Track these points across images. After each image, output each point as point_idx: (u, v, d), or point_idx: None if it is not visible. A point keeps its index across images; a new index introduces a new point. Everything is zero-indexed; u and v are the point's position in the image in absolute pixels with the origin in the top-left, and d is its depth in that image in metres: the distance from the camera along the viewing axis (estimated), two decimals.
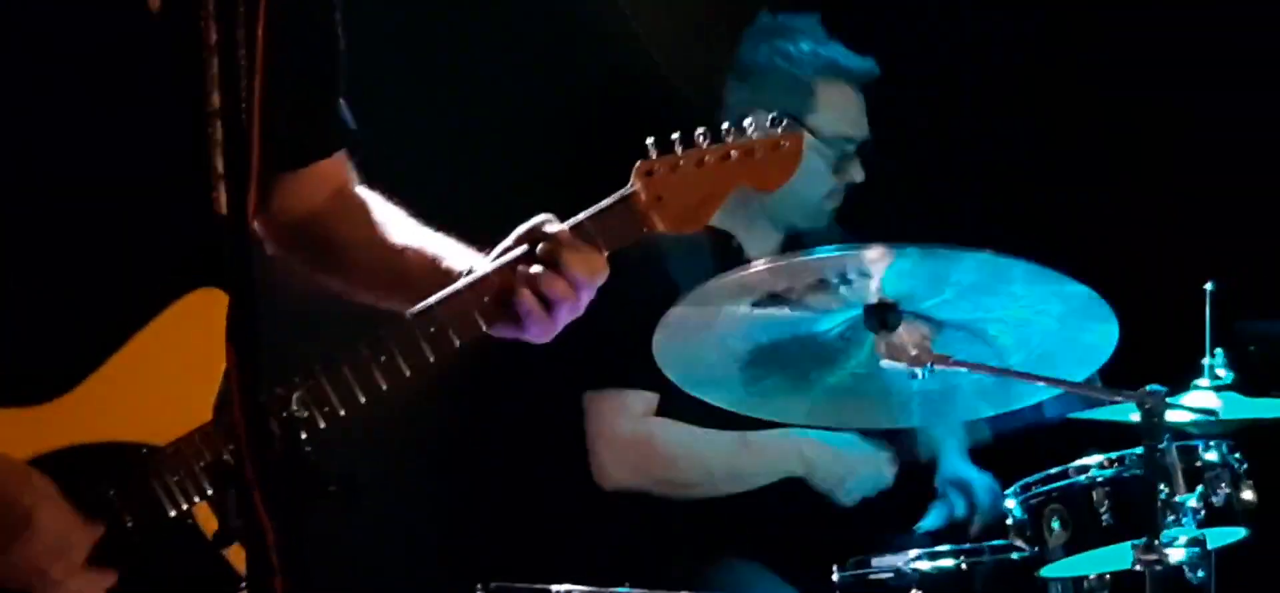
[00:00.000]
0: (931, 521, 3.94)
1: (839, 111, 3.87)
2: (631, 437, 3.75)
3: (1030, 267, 2.82)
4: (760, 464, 3.74)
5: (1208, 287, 3.59)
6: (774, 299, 2.87)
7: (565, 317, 2.38)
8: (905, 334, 2.88)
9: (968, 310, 2.93)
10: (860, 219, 3.95)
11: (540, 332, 2.38)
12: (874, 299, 2.87)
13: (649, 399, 3.74)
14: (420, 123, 3.99)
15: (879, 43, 4.00)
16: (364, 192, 2.56)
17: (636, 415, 3.75)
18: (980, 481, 3.92)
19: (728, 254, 3.80)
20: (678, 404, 3.67)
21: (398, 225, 2.52)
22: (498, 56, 4.23)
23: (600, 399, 3.78)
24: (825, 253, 2.90)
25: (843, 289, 2.87)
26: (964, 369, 2.89)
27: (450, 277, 2.39)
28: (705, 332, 2.95)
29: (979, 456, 4.07)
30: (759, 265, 2.87)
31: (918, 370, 2.87)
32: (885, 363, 2.89)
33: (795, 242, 3.89)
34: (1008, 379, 3.01)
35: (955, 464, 3.98)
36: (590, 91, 4.31)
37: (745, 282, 2.85)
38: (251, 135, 1.79)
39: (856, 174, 3.88)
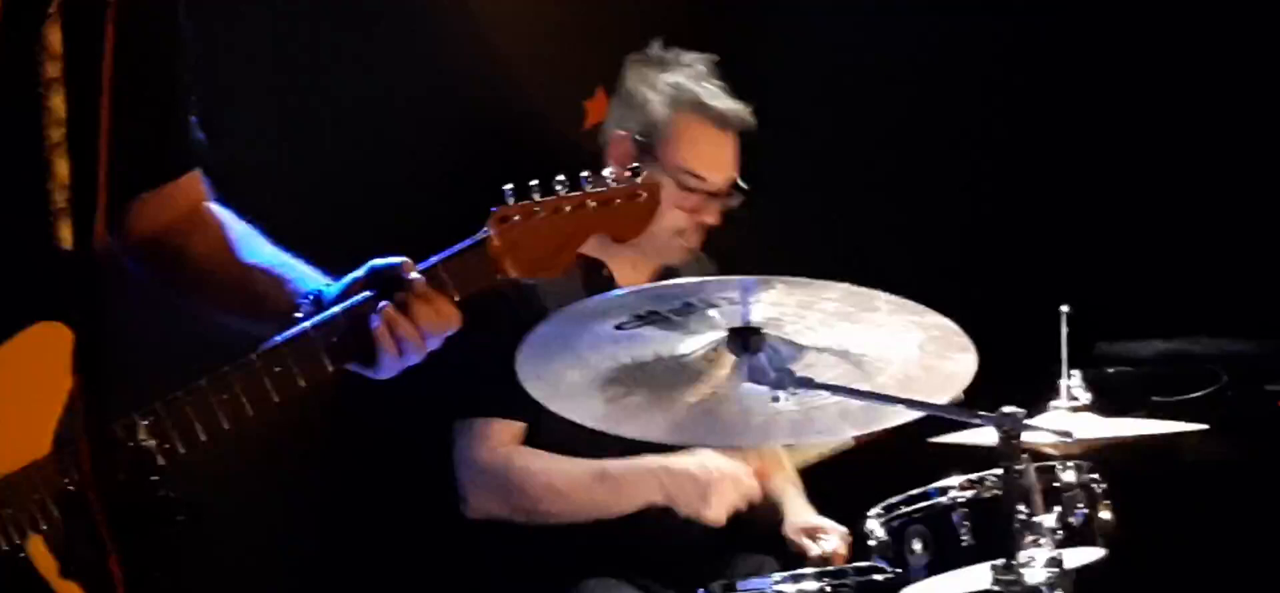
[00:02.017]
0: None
1: (692, 149, 3.82)
2: (491, 465, 3.72)
3: (889, 297, 2.85)
4: (619, 496, 3.72)
5: (1063, 309, 3.65)
6: (639, 320, 2.87)
7: (412, 361, 2.36)
8: (767, 357, 2.90)
9: (831, 337, 2.95)
10: (734, 252, 3.95)
11: (386, 372, 2.36)
12: (738, 324, 2.89)
13: (515, 428, 3.72)
14: (281, 142, 3.95)
15: (761, 84, 4.00)
16: (217, 210, 2.52)
17: (500, 444, 3.72)
18: (828, 525, 3.93)
19: (599, 283, 3.79)
20: (547, 433, 3.67)
21: (249, 245, 2.48)
22: (366, 75, 4.21)
23: (466, 427, 3.75)
24: (691, 283, 2.91)
25: (710, 313, 2.88)
26: (825, 392, 2.93)
27: (298, 296, 2.36)
28: (568, 350, 2.94)
29: (843, 467, 4.08)
30: (626, 293, 2.87)
31: (779, 393, 2.90)
32: (747, 385, 2.91)
33: (666, 274, 3.88)
34: (871, 401, 3.04)
35: (799, 512, 3.99)
36: (457, 117, 4.30)
37: (610, 308, 2.85)
38: (100, 167, 1.76)
39: (710, 217, 3.85)
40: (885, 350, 2.99)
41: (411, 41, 4.22)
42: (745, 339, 2.89)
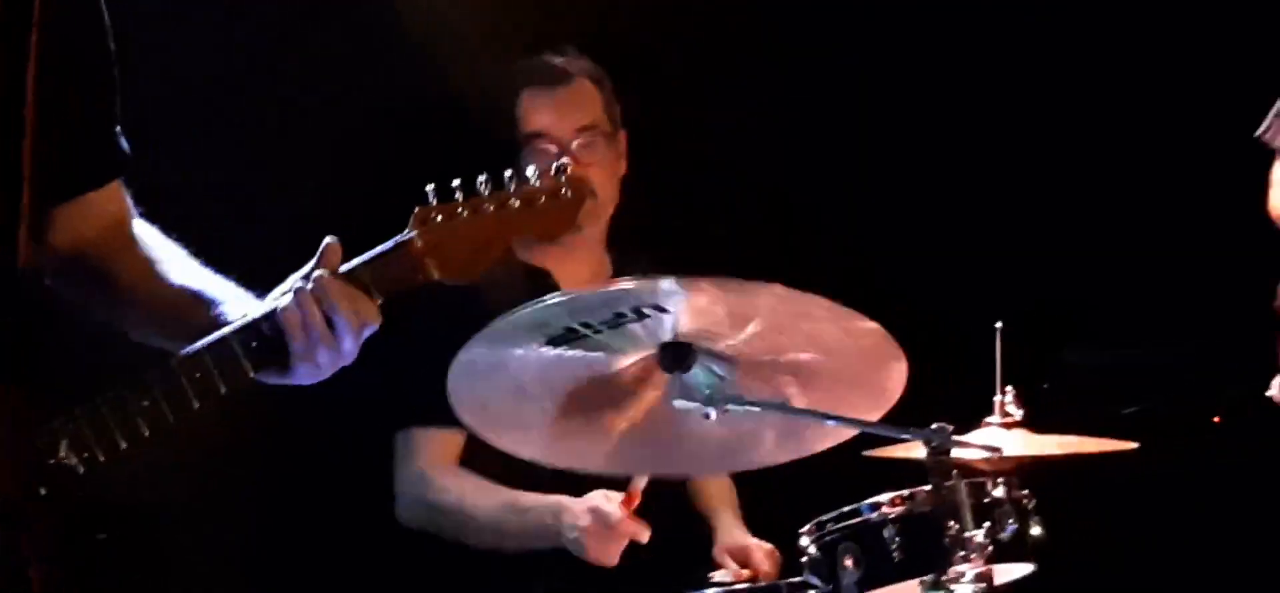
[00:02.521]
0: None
1: (532, 113, 3.89)
2: (417, 478, 3.72)
3: (824, 302, 2.84)
4: (524, 531, 3.70)
5: (997, 325, 3.68)
6: (570, 335, 2.86)
7: (329, 363, 2.36)
8: (699, 374, 2.91)
9: (764, 351, 2.95)
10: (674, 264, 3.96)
11: (307, 377, 2.36)
12: (669, 338, 2.89)
13: (455, 439, 3.71)
14: (208, 153, 3.94)
15: (700, 87, 4.02)
16: (141, 226, 2.51)
17: (434, 457, 3.71)
18: (759, 546, 3.94)
19: (546, 291, 3.78)
20: (480, 450, 3.65)
21: (174, 263, 2.47)
22: (298, 82, 4.20)
23: (404, 437, 3.76)
24: (618, 286, 2.91)
25: (638, 327, 2.87)
26: (758, 410, 2.94)
27: (223, 320, 2.36)
28: (500, 372, 2.93)
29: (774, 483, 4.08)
30: (549, 299, 2.85)
31: (710, 411, 2.91)
32: (678, 403, 2.91)
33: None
34: (805, 427, 3.05)
35: (729, 531, 4.00)
36: (392, 123, 4.29)
37: (537, 318, 2.83)
38: (23, 172, 1.76)
39: (580, 168, 3.83)
40: (817, 362, 2.99)
41: (342, 50, 4.23)
42: (677, 355, 2.89)
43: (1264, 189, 3.68)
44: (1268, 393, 3.53)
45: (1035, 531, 3.38)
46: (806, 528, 3.43)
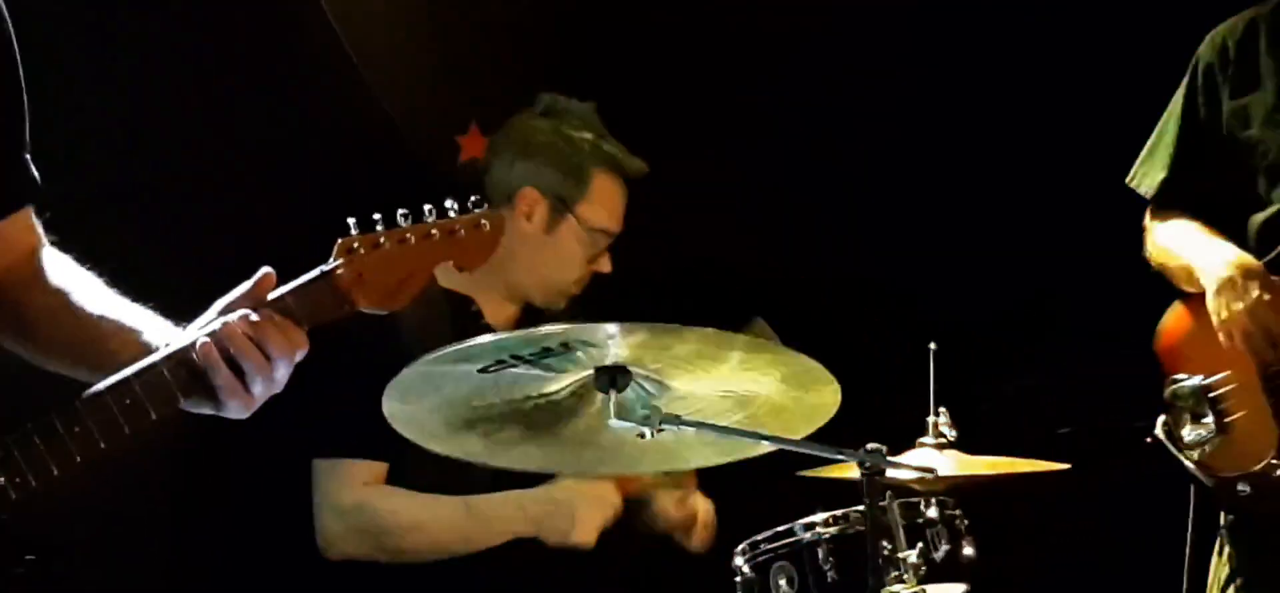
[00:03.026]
0: None
1: (606, 206, 3.90)
2: (353, 506, 3.70)
3: (748, 340, 2.89)
4: (484, 530, 3.73)
5: (931, 347, 3.71)
6: (500, 364, 2.88)
7: (262, 392, 2.37)
8: (634, 394, 2.92)
9: (695, 373, 2.96)
10: (592, 295, 3.98)
11: (238, 407, 2.36)
12: (605, 362, 2.90)
13: (376, 468, 3.70)
14: (136, 183, 3.92)
15: (633, 120, 4.03)
16: (52, 255, 2.49)
17: (361, 485, 3.70)
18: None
19: (466, 319, 3.80)
20: (409, 472, 3.66)
21: (91, 294, 2.46)
22: (233, 111, 4.18)
23: (326, 467, 3.73)
24: (560, 328, 2.91)
25: (578, 354, 2.89)
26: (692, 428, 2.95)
27: (147, 350, 2.35)
28: (434, 392, 2.93)
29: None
30: (490, 339, 2.86)
31: (645, 430, 2.92)
32: (614, 422, 2.92)
33: (534, 314, 3.90)
34: (737, 438, 3.06)
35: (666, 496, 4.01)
36: (329, 154, 4.28)
37: (463, 354, 2.83)
38: None
39: (604, 265, 3.92)
40: (750, 386, 3.01)
41: (279, 80, 4.23)
42: (612, 377, 2.89)
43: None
44: (1152, 433, 3.67)
45: (968, 551, 3.42)
46: (740, 548, 3.44)
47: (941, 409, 3.72)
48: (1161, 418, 3.65)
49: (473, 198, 2.57)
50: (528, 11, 4.60)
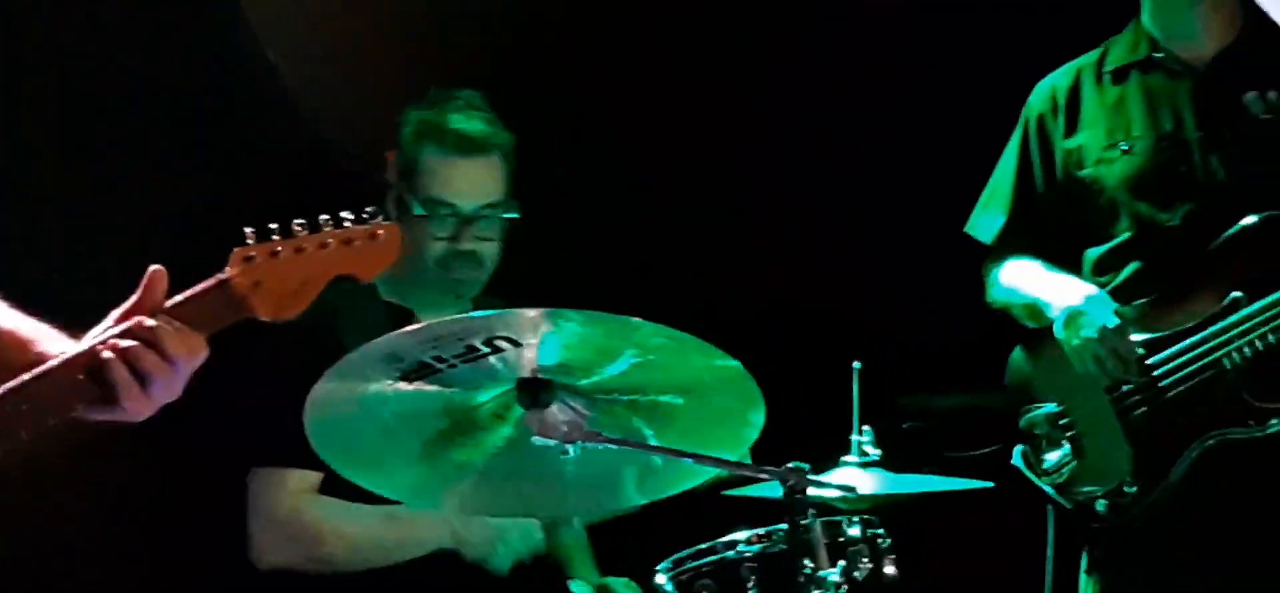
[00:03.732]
0: None
1: (439, 178, 3.86)
2: (285, 516, 3.69)
3: (683, 337, 2.85)
4: (408, 539, 3.72)
5: (856, 365, 3.72)
6: (424, 369, 2.86)
7: (161, 395, 2.39)
8: (558, 411, 2.91)
9: (620, 390, 2.96)
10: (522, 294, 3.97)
11: (136, 410, 2.37)
12: (527, 373, 2.89)
13: (310, 477, 3.69)
14: (69, 198, 3.89)
15: (565, 129, 4.03)
16: None
17: (293, 494, 3.69)
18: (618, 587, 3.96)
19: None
20: (341, 480, 3.63)
21: None
22: (157, 124, 4.16)
23: (259, 477, 3.73)
24: (477, 316, 2.91)
25: (496, 361, 2.86)
26: (615, 447, 2.93)
27: (42, 359, 2.36)
28: (356, 409, 2.91)
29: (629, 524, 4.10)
30: (404, 332, 2.84)
31: (569, 447, 2.91)
32: (537, 439, 2.91)
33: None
34: (666, 467, 3.05)
35: (585, 578, 4.01)
36: (264, 169, 4.27)
37: (389, 349, 2.82)
38: None
39: (465, 242, 3.86)
40: (675, 401, 3.00)
41: (207, 95, 4.23)
42: (535, 392, 2.89)
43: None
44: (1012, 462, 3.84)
45: (889, 570, 3.45)
46: (664, 565, 3.45)
47: (866, 428, 3.74)
48: (1019, 447, 3.82)
49: (368, 208, 2.60)
50: (460, 25, 4.60)
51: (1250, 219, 3.60)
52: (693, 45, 4.91)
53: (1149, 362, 3.65)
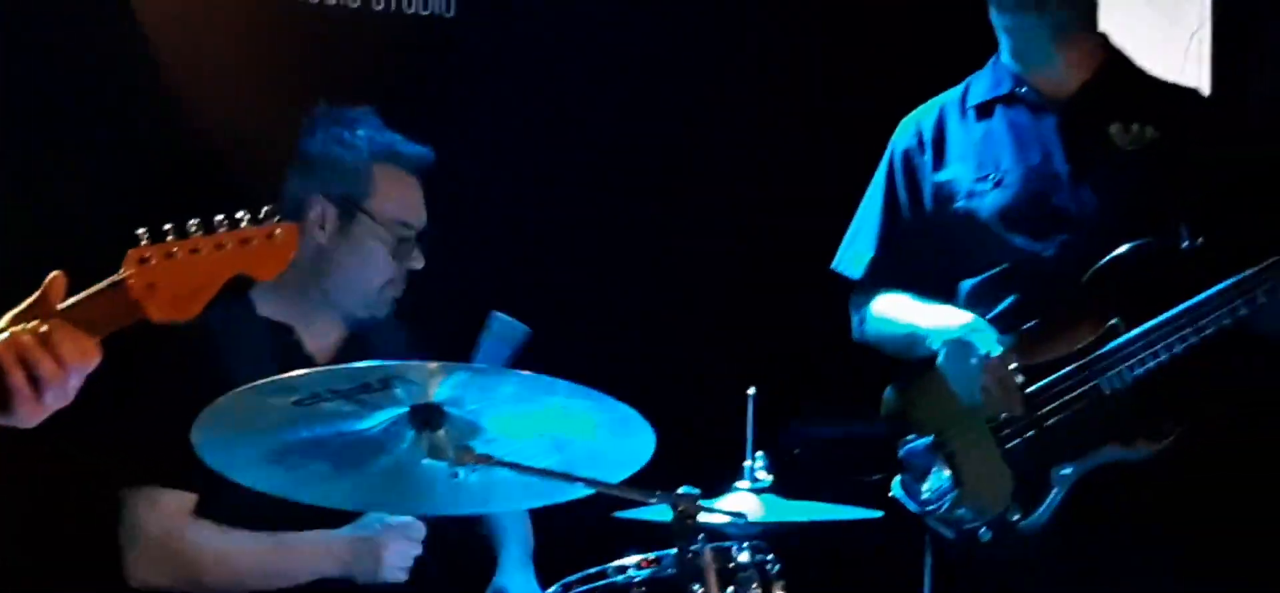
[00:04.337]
0: None
1: (396, 198, 3.87)
2: (161, 537, 3.65)
3: (569, 386, 2.90)
4: (293, 566, 3.69)
5: (750, 392, 3.74)
6: (317, 398, 2.86)
7: (53, 401, 2.39)
8: (447, 433, 2.92)
9: (513, 416, 2.98)
10: (418, 315, 3.96)
11: (28, 413, 2.38)
12: (420, 401, 2.90)
13: (186, 499, 3.65)
14: None
15: (460, 146, 4.03)
16: None
17: (169, 515, 3.64)
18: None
19: (287, 348, 3.76)
20: (219, 504, 3.61)
21: None
22: (45, 125, 4.13)
23: (133, 496, 3.67)
24: (378, 365, 2.91)
25: (396, 392, 2.89)
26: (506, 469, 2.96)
27: None
28: (247, 424, 2.92)
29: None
30: (312, 371, 2.89)
31: (458, 470, 2.92)
32: (428, 461, 2.92)
33: (358, 338, 3.87)
34: (550, 478, 3.06)
35: (508, 575, 4.00)
36: (163, 180, 4.23)
37: (281, 387, 2.84)
38: None
39: (416, 261, 3.89)
40: (566, 428, 3.02)
41: (100, 104, 4.19)
42: (426, 416, 2.91)
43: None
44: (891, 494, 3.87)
45: None
46: (553, 589, 3.45)
47: (759, 453, 3.76)
48: (898, 478, 3.85)
49: (265, 208, 2.60)
50: (354, 39, 4.60)
51: (1124, 248, 3.64)
52: (581, 71, 4.93)
53: (1029, 390, 3.67)
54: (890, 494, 3.86)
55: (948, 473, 3.77)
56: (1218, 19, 4.91)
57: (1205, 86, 4.87)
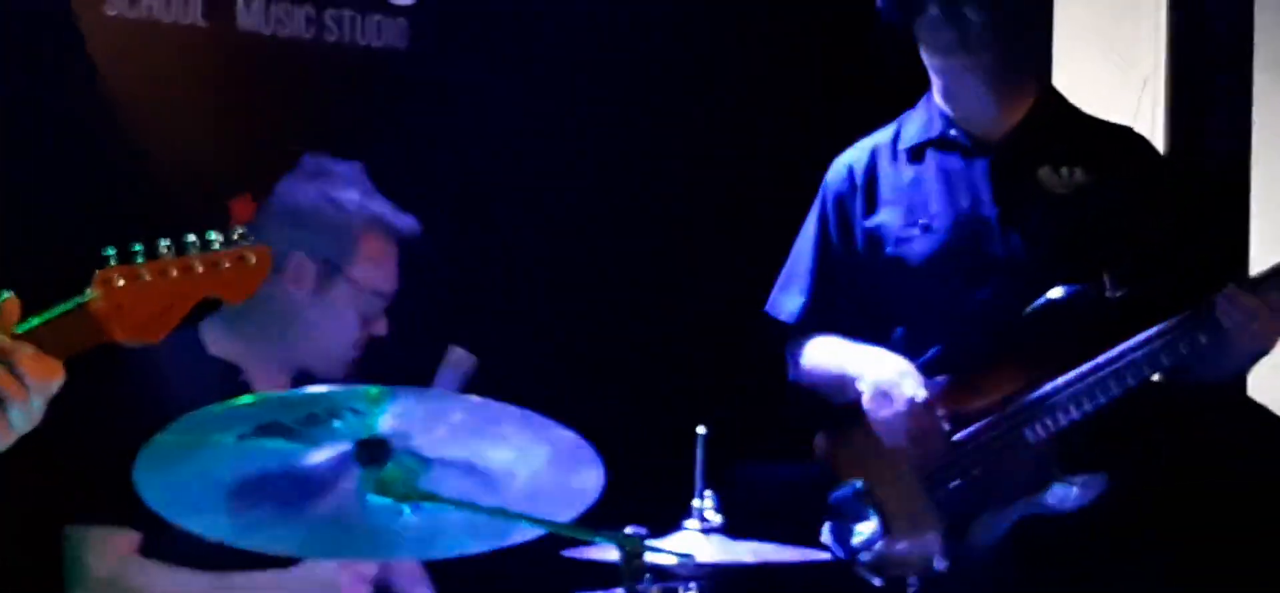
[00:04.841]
0: None
1: (378, 267, 3.84)
2: (105, 578, 3.60)
3: (520, 411, 2.87)
4: None
5: (700, 431, 3.74)
6: (262, 431, 2.84)
7: (20, 424, 2.37)
8: (394, 470, 2.90)
9: (460, 451, 2.96)
10: (366, 358, 3.94)
11: None
12: (366, 435, 2.88)
13: (131, 538, 3.60)
14: None
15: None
16: None
17: (115, 555, 3.59)
18: None
19: (233, 389, 3.72)
20: (165, 543, 3.57)
21: None
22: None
23: (78, 535, 3.62)
24: (321, 391, 2.89)
25: (337, 424, 2.86)
26: (452, 506, 2.94)
27: None
28: (189, 462, 2.88)
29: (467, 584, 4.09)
30: (248, 402, 2.88)
31: (404, 507, 2.90)
32: (373, 497, 2.90)
33: (307, 382, 3.85)
34: (497, 517, 3.05)
35: None
36: (102, 217, 4.18)
37: (233, 418, 2.82)
38: None
39: (381, 328, 3.87)
40: (513, 464, 3.00)
41: (44, 132, 4.17)
42: (372, 452, 2.88)
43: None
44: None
45: None
46: None
47: (707, 493, 3.75)
48: (827, 525, 3.83)
49: (239, 231, 2.57)
50: (302, 75, 4.59)
51: (1056, 293, 3.63)
52: (533, 106, 4.94)
53: (955, 438, 3.67)
54: (820, 540, 3.84)
55: (876, 520, 3.74)
56: (1172, 63, 4.96)
57: (1160, 130, 4.91)
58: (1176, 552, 4.02)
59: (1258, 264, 4.15)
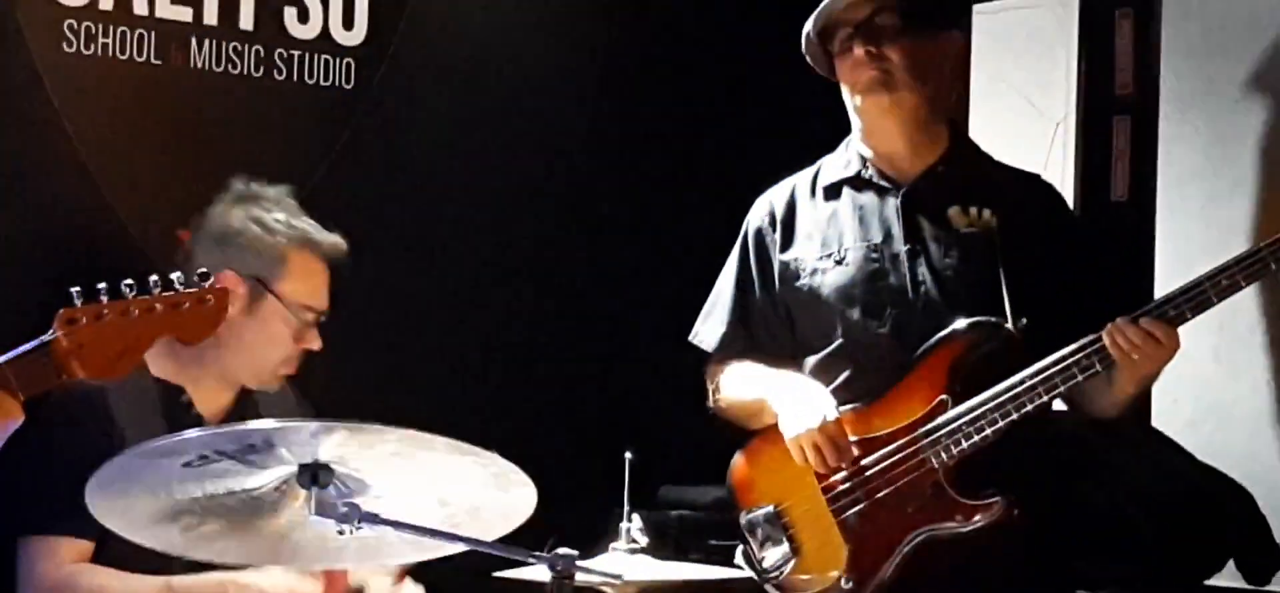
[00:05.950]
0: None
1: (306, 284, 3.92)
2: (57, 584, 3.65)
3: (448, 441, 2.98)
4: None
5: (627, 455, 3.87)
6: (205, 459, 2.92)
7: None
8: (335, 491, 3.00)
9: (398, 473, 3.07)
10: (308, 384, 4.04)
11: None
12: (307, 460, 2.98)
13: (82, 546, 3.66)
14: None
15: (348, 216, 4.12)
16: None
17: (65, 563, 3.65)
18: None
19: (176, 408, 3.81)
20: (116, 553, 3.65)
21: None
22: None
23: (29, 545, 3.68)
24: (265, 425, 2.97)
25: (281, 450, 2.96)
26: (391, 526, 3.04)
27: None
28: (138, 483, 2.97)
29: None
30: (196, 433, 2.94)
31: (345, 526, 3.01)
32: (314, 518, 2.99)
33: (247, 403, 3.96)
34: (433, 537, 3.15)
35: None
36: (50, 247, 4.30)
37: (169, 448, 2.89)
38: None
39: (314, 342, 3.97)
40: (447, 486, 3.11)
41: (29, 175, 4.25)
42: (314, 474, 2.98)
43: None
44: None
45: None
46: None
47: (634, 515, 3.87)
48: (740, 548, 3.90)
49: (200, 270, 2.61)
50: (251, 107, 4.68)
51: (959, 324, 3.76)
52: (471, 141, 5.04)
53: (862, 462, 3.77)
54: (733, 562, 3.90)
55: (786, 542, 3.83)
56: (1082, 109, 5.09)
57: (1070, 172, 5.04)
58: (1073, 576, 4.13)
59: None
